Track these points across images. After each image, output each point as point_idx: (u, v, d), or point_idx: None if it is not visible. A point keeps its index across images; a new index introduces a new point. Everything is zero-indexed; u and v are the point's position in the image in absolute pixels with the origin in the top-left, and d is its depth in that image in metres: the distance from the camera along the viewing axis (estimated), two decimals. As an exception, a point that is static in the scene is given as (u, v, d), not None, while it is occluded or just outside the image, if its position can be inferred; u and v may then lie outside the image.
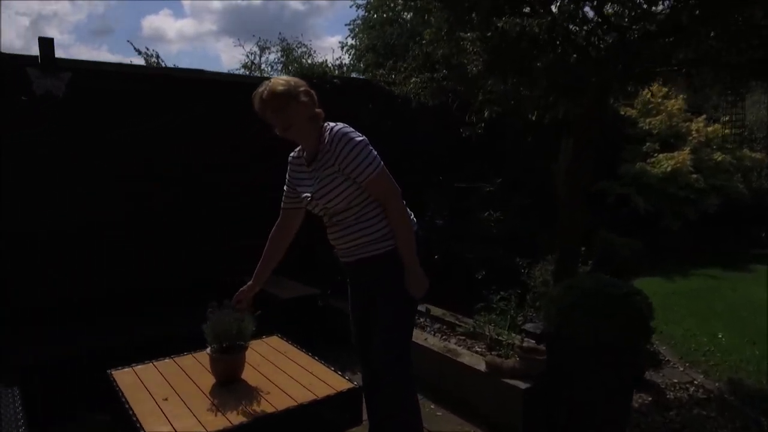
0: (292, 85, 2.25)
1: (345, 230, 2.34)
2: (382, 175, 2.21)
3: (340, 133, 2.20)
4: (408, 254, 2.25)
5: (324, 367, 2.77)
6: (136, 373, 2.71)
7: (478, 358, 3.05)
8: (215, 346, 2.56)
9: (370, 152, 2.20)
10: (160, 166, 4.14)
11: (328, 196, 2.26)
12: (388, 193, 2.23)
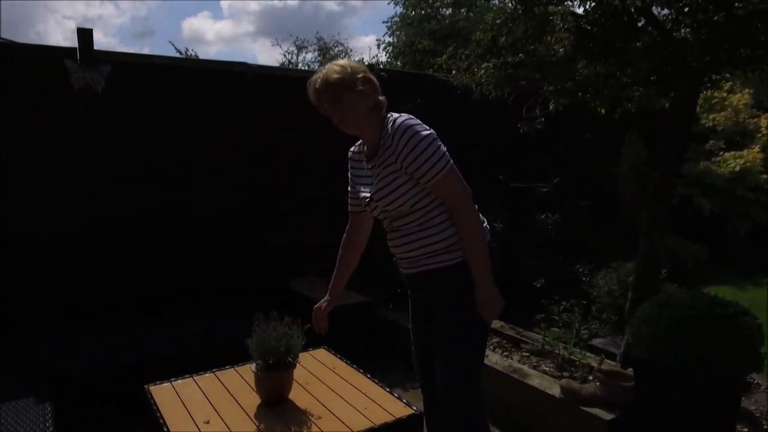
0: (348, 72, 1.96)
1: (407, 237, 2.04)
2: (451, 175, 1.89)
3: (404, 125, 1.89)
4: (479, 268, 1.92)
5: (380, 389, 2.49)
6: (174, 389, 2.49)
7: (550, 381, 2.71)
8: (261, 363, 2.31)
9: (437, 148, 1.88)
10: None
11: (389, 198, 1.97)
12: (457, 197, 1.91)
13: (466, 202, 1.92)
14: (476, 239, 1.92)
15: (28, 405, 2.38)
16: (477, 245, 1.92)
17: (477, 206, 1.97)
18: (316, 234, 4.64)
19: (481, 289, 1.93)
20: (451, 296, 2.01)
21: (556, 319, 3.95)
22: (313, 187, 4.63)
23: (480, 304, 1.93)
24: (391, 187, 1.96)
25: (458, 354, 2.01)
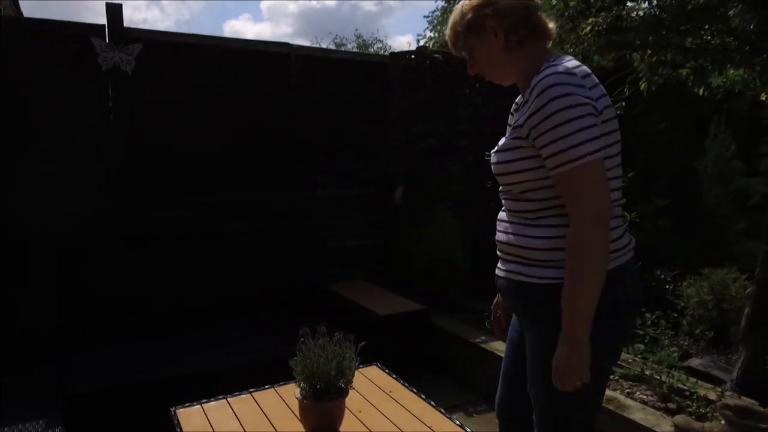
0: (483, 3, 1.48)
1: (506, 225, 1.55)
2: (582, 173, 1.29)
3: (548, 81, 1.32)
4: (567, 317, 1.33)
5: (450, 422, 2.04)
6: (205, 413, 2.10)
7: (656, 415, 2.21)
8: (306, 389, 1.89)
9: (581, 129, 1.28)
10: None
11: (500, 168, 1.51)
12: (578, 206, 1.31)
13: (590, 219, 1.29)
14: (580, 274, 1.30)
15: (37, 429, 2.03)
16: (578, 283, 1.31)
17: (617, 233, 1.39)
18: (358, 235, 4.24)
19: (562, 347, 1.34)
20: (538, 329, 1.47)
21: (640, 334, 3.44)
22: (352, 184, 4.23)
23: (554, 367, 1.37)
24: (507, 156, 1.47)
25: (550, 408, 1.50)
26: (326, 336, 1.94)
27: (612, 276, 1.32)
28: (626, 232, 1.44)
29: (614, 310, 1.36)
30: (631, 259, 1.43)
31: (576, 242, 1.31)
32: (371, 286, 3.89)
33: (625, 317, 1.42)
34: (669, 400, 2.38)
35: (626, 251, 1.42)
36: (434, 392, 3.19)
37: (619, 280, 1.36)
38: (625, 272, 1.39)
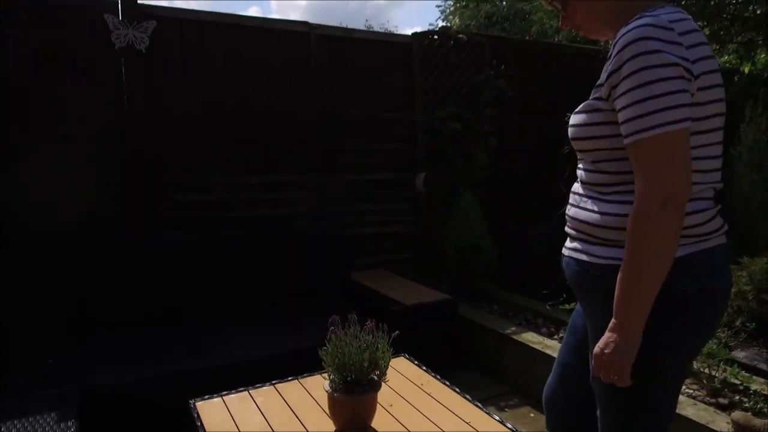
0: None
1: (579, 198, 1.39)
2: (655, 146, 1.12)
3: (633, 35, 1.15)
4: (619, 301, 1.19)
5: (488, 417, 1.90)
6: (226, 406, 1.97)
7: (710, 412, 2.05)
8: (337, 381, 1.76)
9: (665, 93, 1.10)
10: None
11: (577, 132, 1.33)
12: (644, 180, 1.14)
13: (655, 198, 1.11)
14: (634, 259, 1.15)
15: (49, 422, 1.91)
16: (630, 267, 1.16)
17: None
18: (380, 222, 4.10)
19: (607, 333, 1.22)
20: (602, 318, 1.28)
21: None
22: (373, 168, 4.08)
23: (594, 354, 1.25)
24: (584, 119, 1.30)
25: (611, 411, 1.35)
26: (357, 325, 1.80)
27: (684, 264, 1.17)
28: (717, 216, 1.26)
29: (679, 303, 1.20)
30: (719, 245, 1.25)
31: (634, 222, 1.15)
32: (395, 276, 3.75)
33: (695, 311, 1.22)
34: (719, 395, 2.22)
35: (711, 237, 1.24)
36: (464, 385, 3.04)
37: (694, 268, 1.20)
38: (700, 261, 1.21)
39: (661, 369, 1.24)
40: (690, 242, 1.21)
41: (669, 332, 1.20)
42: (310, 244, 3.50)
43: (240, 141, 3.51)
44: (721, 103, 1.23)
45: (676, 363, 1.27)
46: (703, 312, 1.23)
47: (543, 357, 2.77)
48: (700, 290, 1.21)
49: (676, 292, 1.18)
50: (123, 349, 2.59)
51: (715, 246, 1.24)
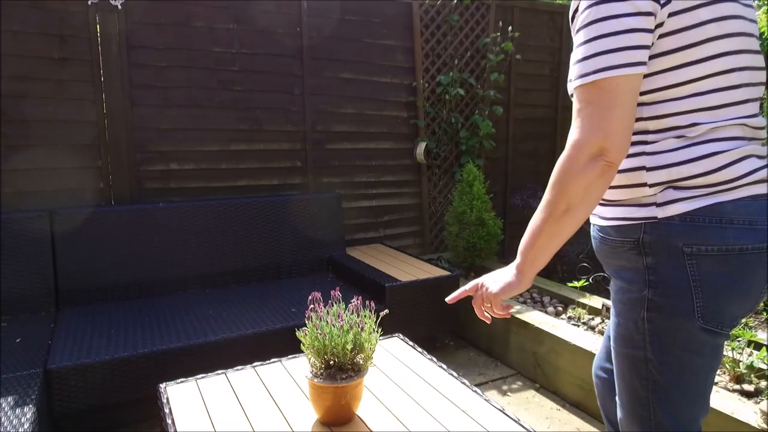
0: None
1: None
2: (582, 92, 1.01)
3: None
4: (526, 234, 1.15)
5: (486, 403, 1.71)
6: (200, 391, 1.80)
7: (733, 399, 1.85)
8: (318, 365, 1.57)
9: (608, 33, 0.97)
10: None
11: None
12: (577, 129, 1.02)
13: (581, 150, 1.01)
14: (551, 204, 1.06)
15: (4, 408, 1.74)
16: (545, 210, 1.08)
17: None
18: (378, 195, 3.89)
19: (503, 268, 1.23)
20: (614, 282, 1.20)
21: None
22: (371, 137, 3.85)
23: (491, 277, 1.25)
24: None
25: (623, 395, 1.21)
26: (341, 303, 1.61)
27: (696, 220, 1.03)
28: (747, 158, 1.04)
29: (691, 265, 1.04)
30: (753, 196, 1.03)
31: (557, 170, 1.05)
32: (392, 251, 3.56)
33: (713, 274, 1.03)
34: (744, 381, 2.03)
35: (735, 186, 1.03)
36: (464, 367, 2.90)
37: (697, 227, 1.03)
38: (717, 215, 1.03)
39: (668, 338, 1.09)
40: (703, 193, 1.03)
41: (674, 299, 1.06)
42: (301, 216, 3.30)
43: (226, 106, 3.28)
44: (729, 22, 1.02)
45: (679, 332, 1.08)
46: (726, 276, 1.03)
47: (549, 338, 2.58)
48: (722, 250, 1.02)
49: (686, 253, 1.03)
50: (95, 326, 2.42)
51: (746, 197, 1.03)
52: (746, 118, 1.05)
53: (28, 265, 2.60)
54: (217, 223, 3.06)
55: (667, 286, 1.07)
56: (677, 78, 1.03)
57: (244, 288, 3.02)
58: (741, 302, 1.06)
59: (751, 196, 1.03)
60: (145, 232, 2.87)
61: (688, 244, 1.03)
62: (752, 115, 1.06)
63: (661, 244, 1.07)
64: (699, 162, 1.03)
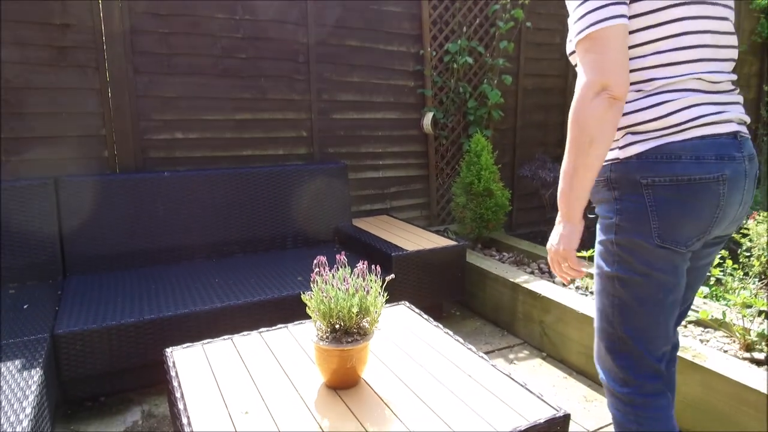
0: None
1: None
2: (593, 41, 1.17)
3: None
4: (562, 186, 1.28)
5: (492, 368, 1.70)
6: (205, 355, 1.80)
7: (744, 367, 1.83)
8: (324, 329, 1.56)
9: None
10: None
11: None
12: (584, 73, 1.19)
13: (588, 88, 1.17)
14: (576, 143, 1.21)
15: (12, 371, 1.75)
16: (573, 151, 1.23)
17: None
18: (385, 166, 3.85)
19: (556, 225, 1.36)
20: (599, 218, 1.36)
21: (704, 276, 3.04)
22: (377, 107, 3.79)
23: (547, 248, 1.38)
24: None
25: (597, 312, 1.40)
26: (346, 267, 1.59)
27: (650, 156, 1.22)
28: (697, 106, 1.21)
29: (647, 195, 1.22)
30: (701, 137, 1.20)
31: (573, 111, 1.21)
32: (399, 222, 3.53)
33: (666, 201, 1.21)
34: (754, 349, 2.01)
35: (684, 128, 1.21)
36: (471, 337, 2.89)
37: (650, 163, 1.22)
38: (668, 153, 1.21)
39: (624, 261, 1.27)
40: (654, 136, 1.22)
41: (635, 223, 1.23)
42: (307, 187, 3.28)
43: (230, 74, 3.23)
44: None
45: (641, 252, 1.25)
46: (675, 201, 1.21)
47: (556, 307, 2.56)
48: (673, 180, 1.20)
49: (642, 184, 1.22)
50: (102, 294, 2.42)
51: (694, 137, 1.20)
52: (703, 74, 1.20)
53: (35, 233, 2.60)
54: (223, 193, 3.04)
55: (629, 212, 1.24)
56: (641, 39, 1.20)
57: (251, 257, 3.02)
58: (692, 224, 1.22)
59: (699, 137, 1.20)
60: (150, 201, 2.86)
61: (644, 176, 1.22)
62: (712, 71, 1.21)
63: (623, 179, 1.25)
64: (651, 110, 1.22)
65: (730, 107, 1.24)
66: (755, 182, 1.27)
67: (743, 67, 5.51)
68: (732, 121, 1.23)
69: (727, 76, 1.25)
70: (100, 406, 2.20)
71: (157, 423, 2.09)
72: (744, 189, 1.23)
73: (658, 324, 1.29)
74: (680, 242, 1.23)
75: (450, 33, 3.91)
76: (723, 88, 1.25)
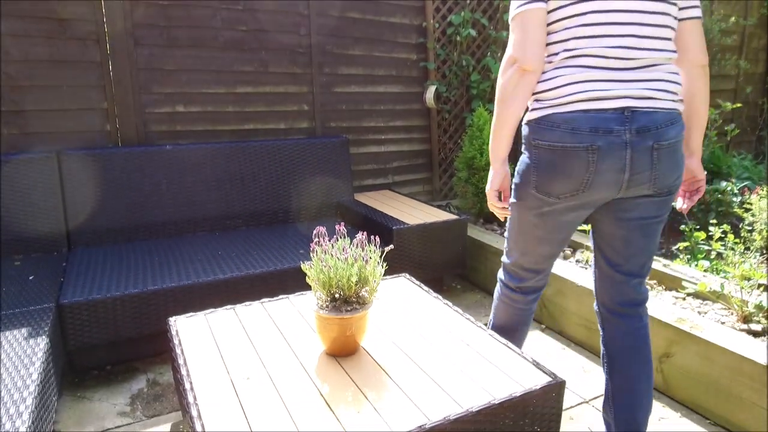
0: None
1: None
2: (514, 23, 1.42)
3: None
4: (490, 139, 1.60)
5: (490, 337, 1.72)
6: (208, 324, 1.83)
7: (740, 338, 1.85)
8: (324, 298, 1.58)
9: None
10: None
11: None
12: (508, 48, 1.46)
13: (506, 61, 1.45)
14: (496, 105, 1.51)
15: (18, 339, 1.78)
16: (496, 112, 1.53)
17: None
18: (388, 140, 3.84)
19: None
20: None
21: (703, 250, 3.04)
22: (379, 80, 3.77)
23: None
24: None
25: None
26: (346, 238, 1.60)
27: (537, 123, 1.46)
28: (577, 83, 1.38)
29: (533, 153, 1.49)
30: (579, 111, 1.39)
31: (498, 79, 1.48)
32: (401, 197, 3.54)
33: (545, 160, 1.46)
34: (751, 321, 2.02)
35: (567, 103, 1.40)
36: (471, 309, 2.92)
37: (539, 128, 1.45)
38: (549, 122, 1.43)
39: (518, 198, 1.58)
40: (546, 106, 1.43)
41: (525, 173, 1.53)
42: (309, 161, 3.28)
43: (231, 46, 3.21)
44: None
45: (526, 195, 1.54)
46: (551, 162, 1.44)
47: (556, 279, 2.58)
48: (550, 145, 1.43)
49: (532, 144, 1.48)
50: (106, 265, 2.45)
51: (576, 111, 1.38)
52: (608, 48, 1.34)
53: (38, 206, 2.62)
54: (225, 167, 3.05)
55: (524, 164, 1.52)
56: (556, 17, 1.37)
57: (253, 231, 3.04)
58: (563, 183, 1.45)
59: (581, 110, 1.37)
60: (153, 175, 2.87)
61: (534, 139, 1.47)
62: (621, 46, 1.34)
63: (524, 138, 1.52)
64: (548, 82, 1.42)
65: (628, 84, 1.36)
66: (670, 150, 1.40)
67: (752, 40, 5.43)
68: (624, 97, 1.36)
69: (647, 53, 1.36)
70: (107, 374, 2.25)
71: (162, 390, 2.14)
72: (627, 157, 1.38)
73: (535, 238, 1.59)
74: (552, 194, 1.48)
75: (453, 4, 3.86)
76: (634, 64, 1.36)
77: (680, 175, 1.47)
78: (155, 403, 2.06)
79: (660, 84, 1.38)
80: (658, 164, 1.40)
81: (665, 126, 1.38)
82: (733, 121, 5.33)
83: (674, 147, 1.41)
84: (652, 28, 1.35)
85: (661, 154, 1.40)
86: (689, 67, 1.49)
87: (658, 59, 1.38)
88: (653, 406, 2.01)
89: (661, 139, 1.38)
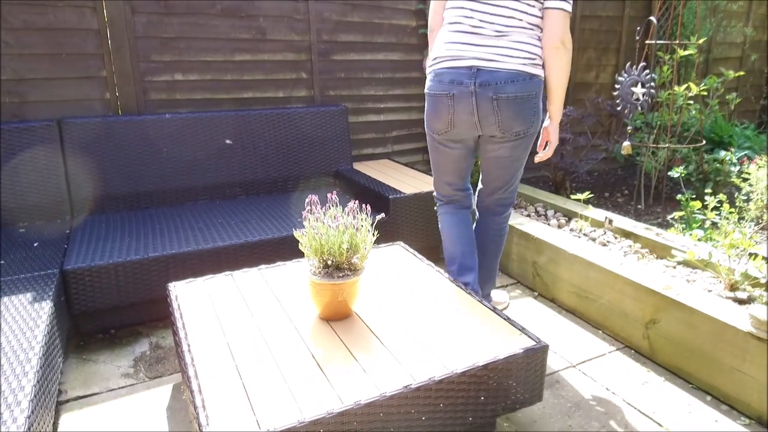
0: None
1: None
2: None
3: None
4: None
5: (479, 303, 1.78)
6: (207, 289, 1.89)
7: (726, 306, 1.89)
8: (317, 265, 1.63)
9: None
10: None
11: None
12: None
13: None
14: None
15: (23, 303, 1.85)
16: None
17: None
18: (386, 109, 3.83)
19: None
20: None
21: (698, 219, 3.07)
22: (378, 47, 3.73)
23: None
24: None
25: None
26: (338, 206, 1.64)
27: (430, 76, 2.01)
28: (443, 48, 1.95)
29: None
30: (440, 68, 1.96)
31: None
32: (400, 166, 3.56)
33: (428, 103, 2.03)
34: (737, 289, 2.06)
35: (437, 62, 1.98)
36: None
37: (429, 80, 2.01)
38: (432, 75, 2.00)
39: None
40: (433, 63, 1.99)
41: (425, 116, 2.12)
42: (307, 129, 3.29)
43: (228, 14, 3.19)
44: None
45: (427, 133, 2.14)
46: (430, 105, 2.02)
47: (549, 248, 2.62)
48: (428, 93, 2.02)
49: (425, 92, 2.05)
50: (108, 233, 2.51)
51: (443, 67, 1.94)
52: (466, 19, 1.88)
53: (41, 174, 2.66)
54: (224, 135, 3.07)
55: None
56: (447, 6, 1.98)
57: (253, 199, 3.08)
58: (437, 122, 2.01)
59: (447, 67, 1.92)
60: (153, 143, 2.90)
61: (427, 87, 2.01)
62: (474, 18, 1.86)
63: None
64: (435, 45, 2.01)
65: (476, 48, 1.85)
66: (509, 102, 1.86)
67: (760, 7, 5.31)
68: (473, 58, 1.86)
69: (495, 27, 1.83)
70: (111, 338, 2.33)
71: (164, 353, 2.22)
72: (473, 103, 1.89)
73: (438, 167, 2.17)
74: (433, 131, 2.06)
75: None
76: (485, 32, 1.85)
77: (529, 125, 1.93)
78: (157, 365, 2.14)
79: (503, 50, 1.84)
80: (499, 112, 1.88)
81: (504, 83, 1.84)
82: (737, 89, 5.27)
83: (515, 100, 1.85)
84: (504, 9, 1.83)
85: (500, 104, 1.86)
86: (545, 47, 1.85)
87: (505, 31, 1.83)
88: (638, 371, 2.08)
89: (500, 92, 1.84)
